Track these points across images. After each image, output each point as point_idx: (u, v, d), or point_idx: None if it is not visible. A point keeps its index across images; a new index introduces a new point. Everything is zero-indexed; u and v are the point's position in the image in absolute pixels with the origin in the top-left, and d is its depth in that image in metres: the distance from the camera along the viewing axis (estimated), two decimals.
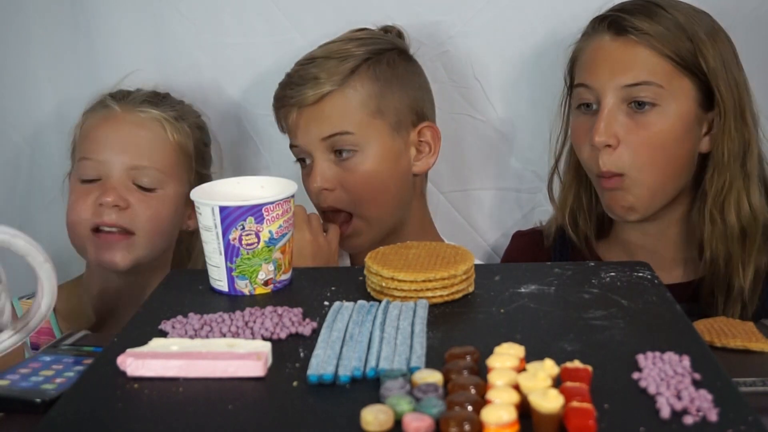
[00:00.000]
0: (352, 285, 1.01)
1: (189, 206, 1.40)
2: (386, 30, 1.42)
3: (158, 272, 1.39)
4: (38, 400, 0.86)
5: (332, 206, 1.34)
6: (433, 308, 0.93)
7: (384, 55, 1.36)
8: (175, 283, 1.06)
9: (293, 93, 1.34)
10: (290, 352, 0.85)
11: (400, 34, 1.42)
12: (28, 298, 1.44)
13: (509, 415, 0.67)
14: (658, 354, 0.80)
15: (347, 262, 1.47)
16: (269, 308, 0.93)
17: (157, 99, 1.42)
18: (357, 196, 1.33)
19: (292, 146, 1.38)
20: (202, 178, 1.42)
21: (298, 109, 1.34)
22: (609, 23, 1.29)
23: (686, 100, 1.26)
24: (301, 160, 1.39)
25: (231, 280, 1.00)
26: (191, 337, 0.89)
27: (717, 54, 1.26)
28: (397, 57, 1.37)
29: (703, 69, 1.25)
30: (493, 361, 0.76)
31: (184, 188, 1.39)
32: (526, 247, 1.47)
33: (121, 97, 1.41)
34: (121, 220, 1.33)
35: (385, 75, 1.35)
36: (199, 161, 1.44)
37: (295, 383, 0.78)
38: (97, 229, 1.34)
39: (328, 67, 1.33)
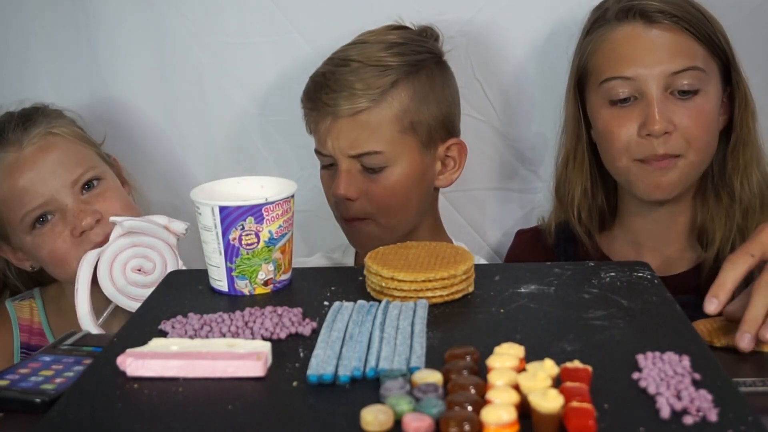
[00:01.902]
0: (352, 285, 1.01)
1: (125, 185, 1.43)
2: (423, 31, 1.39)
3: None
4: (38, 400, 0.86)
5: (354, 216, 1.34)
6: (433, 308, 0.93)
7: (422, 67, 1.34)
8: (175, 283, 1.06)
9: (328, 100, 1.31)
10: (290, 352, 0.85)
11: (436, 37, 1.40)
12: (22, 300, 1.44)
13: (509, 415, 0.67)
14: (658, 354, 0.80)
15: (350, 262, 1.46)
16: (269, 308, 0.93)
17: (26, 118, 1.38)
18: (379, 206, 1.33)
19: (317, 152, 1.37)
20: (107, 159, 1.43)
21: (332, 118, 1.31)
22: (637, 12, 1.27)
23: (717, 81, 1.28)
24: (325, 166, 1.38)
25: (231, 280, 1.00)
26: (191, 337, 0.89)
27: (724, 32, 1.29)
28: (434, 67, 1.35)
29: (723, 48, 1.28)
30: (493, 361, 0.76)
31: (110, 173, 1.39)
32: (529, 244, 1.47)
33: (2, 140, 1.35)
34: (104, 230, 1.30)
35: (422, 90, 1.33)
36: (91, 138, 1.43)
37: (295, 383, 0.78)
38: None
39: (364, 76, 1.30)
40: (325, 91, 1.32)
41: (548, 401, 0.68)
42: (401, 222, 1.36)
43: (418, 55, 1.34)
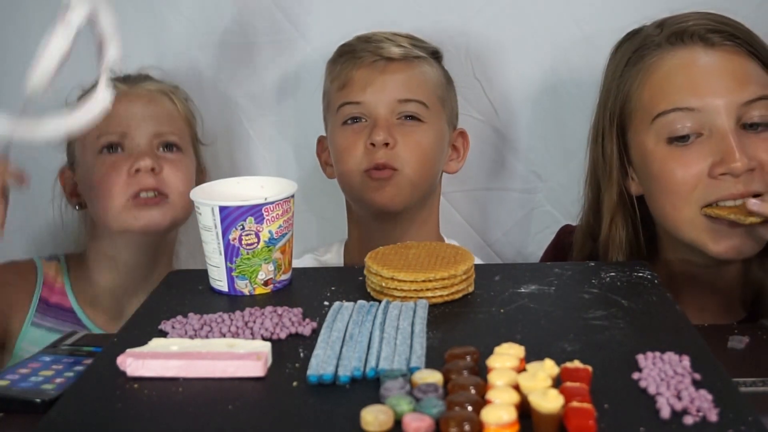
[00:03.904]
0: (352, 285, 1.01)
1: (198, 176, 1.45)
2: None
3: (164, 253, 1.44)
4: (38, 400, 0.86)
5: (386, 162, 1.30)
6: (433, 308, 0.93)
7: (441, 60, 1.41)
8: (175, 283, 1.06)
9: (380, 46, 1.32)
10: (290, 352, 0.85)
11: None
12: (49, 260, 1.46)
13: (509, 415, 0.68)
14: (658, 354, 0.80)
15: (339, 262, 1.46)
16: (269, 308, 0.94)
17: (150, 78, 1.45)
18: (411, 156, 1.31)
19: (347, 103, 1.34)
20: (198, 151, 1.47)
21: (384, 63, 1.32)
22: (695, 34, 1.12)
23: None
24: (350, 119, 1.34)
25: (231, 280, 1.00)
26: (191, 337, 0.89)
27: None
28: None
29: None
30: (493, 361, 0.76)
31: (193, 159, 1.44)
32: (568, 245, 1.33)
33: (122, 79, 1.42)
34: (158, 184, 1.35)
35: (446, 74, 1.40)
36: (197, 131, 1.48)
37: (295, 383, 0.78)
38: (130, 198, 1.35)
39: (404, 41, 1.35)
40: (374, 42, 1.34)
41: (548, 401, 0.68)
42: (422, 184, 1.34)
43: (435, 48, 1.41)
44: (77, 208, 1.46)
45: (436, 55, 1.40)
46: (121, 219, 1.35)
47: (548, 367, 0.74)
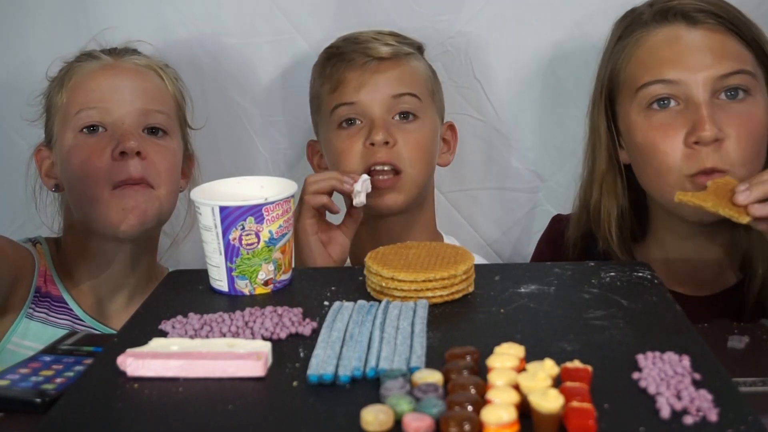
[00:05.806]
0: (352, 285, 1.01)
1: (185, 162, 1.38)
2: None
3: (146, 246, 1.35)
4: (38, 400, 0.86)
5: (388, 161, 1.29)
6: (433, 308, 0.93)
7: (424, 53, 1.42)
8: (175, 283, 1.06)
9: (369, 47, 1.32)
10: (290, 352, 0.85)
11: None
12: (33, 244, 1.35)
13: (509, 415, 0.68)
14: (658, 354, 0.80)
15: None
16: (269, 308, 0.93)
17: (140, 52, 1.38)
18: (412, 154, 1.31)
19: (341, 105, 1.33)
20: (186, 134, 1.39)
21: (376, 62, 1.32)
22: (678, 12, 1.18)
23: (765, 89, 1.19)
24: (345, 122, 1.33)
25: (231, 280, 1.00)
26: (191, 337, 0.89)
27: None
28: None
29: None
30: (493, 361, 0.76)
31: (180, 144, 1.35)
32: (561, 234, 1.36)
33: (108, 51, 1.35)
34: (145, 172, 1.25)
35: (431, 67, 1.41)
36: (186, 114, 1.40)
37: (295, 383, 0.78)
38: (114, 187, 1.24)
39: (394, 38, 1.36)
40: (362, 43, 1.34)
41: (548, 401, 0.68)
42: (423, 182, 1.34)
43: (417, 42, 1.41)
44: (53, 190, 1.35)
45: (420, 50, 1.41)
46: (104, 219, 1.25)
47: (548, 367, 0.74)
